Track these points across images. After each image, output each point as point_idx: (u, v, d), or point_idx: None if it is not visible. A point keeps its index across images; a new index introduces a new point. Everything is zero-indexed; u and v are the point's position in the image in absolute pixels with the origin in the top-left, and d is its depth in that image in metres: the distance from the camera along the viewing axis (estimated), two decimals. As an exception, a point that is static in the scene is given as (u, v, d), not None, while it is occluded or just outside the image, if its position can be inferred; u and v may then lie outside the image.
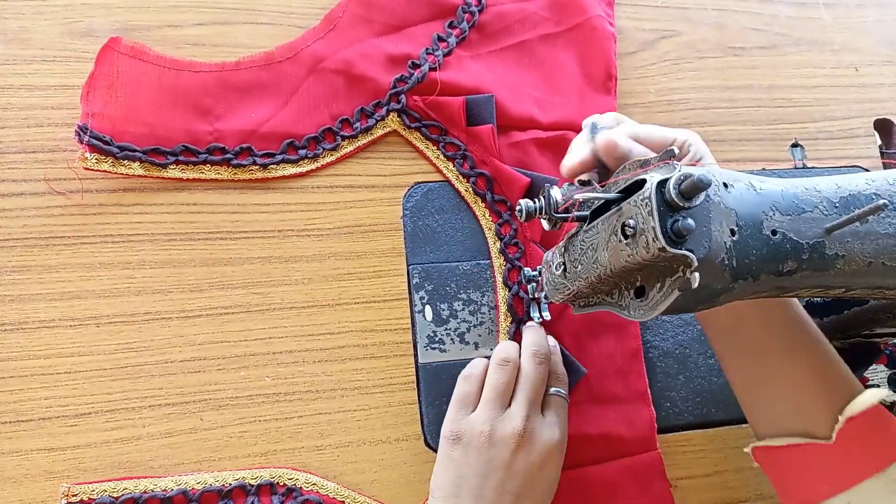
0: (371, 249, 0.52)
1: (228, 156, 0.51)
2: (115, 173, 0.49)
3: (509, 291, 0.52)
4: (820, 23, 0.68)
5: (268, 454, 0.47)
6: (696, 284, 0.31)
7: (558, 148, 0.56)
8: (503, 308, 0.52)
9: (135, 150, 0.49)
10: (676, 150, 0.34)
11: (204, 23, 0.54)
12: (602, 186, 0.40)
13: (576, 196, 0.39)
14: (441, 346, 0.51)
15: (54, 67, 0.51)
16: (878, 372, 0.55)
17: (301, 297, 0.50)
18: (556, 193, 0.40)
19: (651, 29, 0.63)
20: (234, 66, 0.53)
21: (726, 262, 0.33)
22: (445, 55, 0.57)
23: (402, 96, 0.55)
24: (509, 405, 0.45)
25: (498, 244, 0.54)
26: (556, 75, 0.59)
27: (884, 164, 0.62)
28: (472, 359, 0.50)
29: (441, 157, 0.55)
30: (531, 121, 0.57)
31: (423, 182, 0.55)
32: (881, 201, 0.33)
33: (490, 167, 0.55)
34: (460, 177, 0.55)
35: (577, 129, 0.52)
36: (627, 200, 0.34)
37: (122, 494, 0.44)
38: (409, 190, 0.54)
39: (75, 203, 0.49)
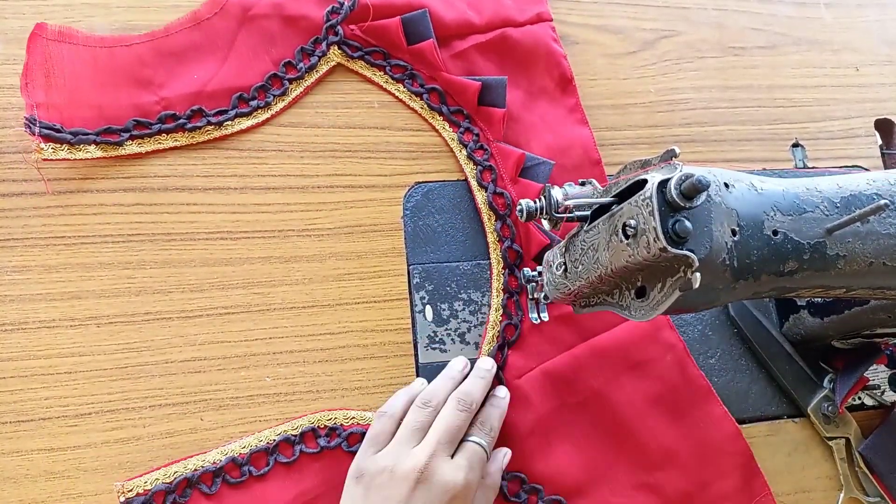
0: (371, 249, 0.52)
1: (181, 121, 0.51)
2: (74, 160, 0.49)
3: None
4: (820, 22, 0.68)
5: (268, 454, 0.47)
6: (697, 285, 0.31)
7: (500, 49, 0.57)
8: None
9: (88, 133, 0.49)
10: (677, 150, 0.34)
11: (204, 22, 0.54)
12: (603, 186, 0.40)
13: (568, 202, 0.39)
14: (442, 346, 0.51)
15: (54, 67, 0.51)
16: (878, 372, 0.55)
17: (301, 297, 0.50)
18: (557, 193, 0.40)
19: (651, 29, 0.63)
20: (164, 32, 0.52)
21: (727, 263, 0.33)
22: None
23: (339, 28, 0.55)
24: None
25: (464, 151, 0.55)
26: None
27: (884, 164, 0.62)
28: (473, 359, 0.50)
29: (389, 80, 0.56)
30: (468, 26, 0.57)
31: (423, 182, 0.54)
32: (882, 201, 0.33)
33: (440, 81, 0.55)
34: (413, 96, 0.55)
35: (514, 24, 0.56)
36: (628, 200, 0.34)
37: (175, 478, 0.44)
38: (409, 190, 0.54)
39: (75, 203, 0.49)
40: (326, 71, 0.55)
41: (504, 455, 0.47)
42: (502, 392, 0.48)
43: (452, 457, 0.42)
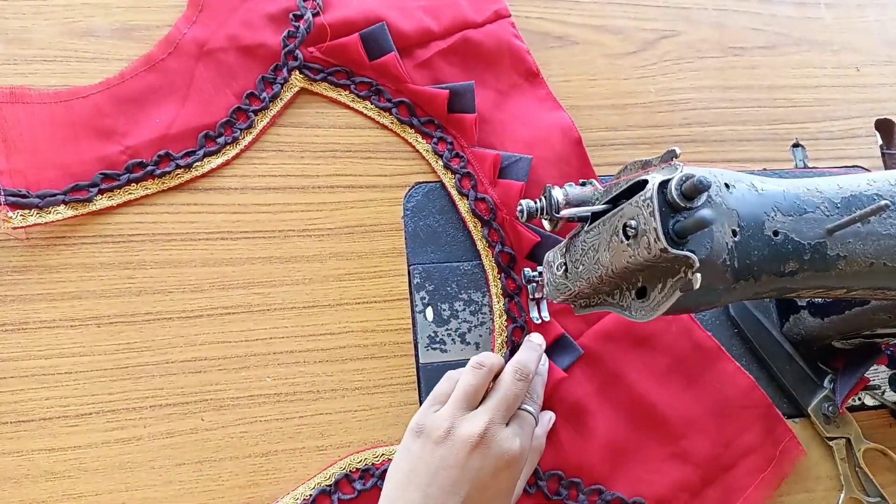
0: (372, 249, 0.52)
1: (149, 168, 0.50)
2: (46, 223, 0.47)
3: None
4: (820, 23, 0.68)
5: (269, 454, 0.47)
6: (697, 285, 0.31)
7: (463, 52, 0.57)
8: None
9: (55, 194, 0.47)
10: (678, 150, 0.34)
11: (204, 22, 0.54)
12: (604, 186, 0.40)
13: (563, 213, 0.39)
14: (442, 347, 0.51)
15: (55, 67, 0.51)
16: (878, 372, 0.55)
17: (302, 297, 0.50)
18: (558, 193, 0.40)
19: (651, 29, 0.63)
20: (119, 78, 0.51)
21: (728, 263, 0.33)
22: None
23: (297, 52, 0.54)
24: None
25: (440, 161, 0.54)
26: None
27: (885, 164, 0.62)
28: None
29: (356, 98, 0.55)
30: (428, 33, 0.56)
31: (423, 182, 0.54)
32: (883, 202, 0.33)
33: (406, 93, 0.55)
34: (381, 111, 0.55)
35: (473, 26, 0.56)
36: (629, 201, 0.34)
37: None
38: (409, 190, 0.54)
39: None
40: (291, 97, 0.54)
41: (549, 419, 0.49)
42: (544, 360, 0.50)
43: (507, 424, 0.44)
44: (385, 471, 0.46)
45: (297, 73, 0.54)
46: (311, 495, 0.46)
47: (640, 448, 0.51)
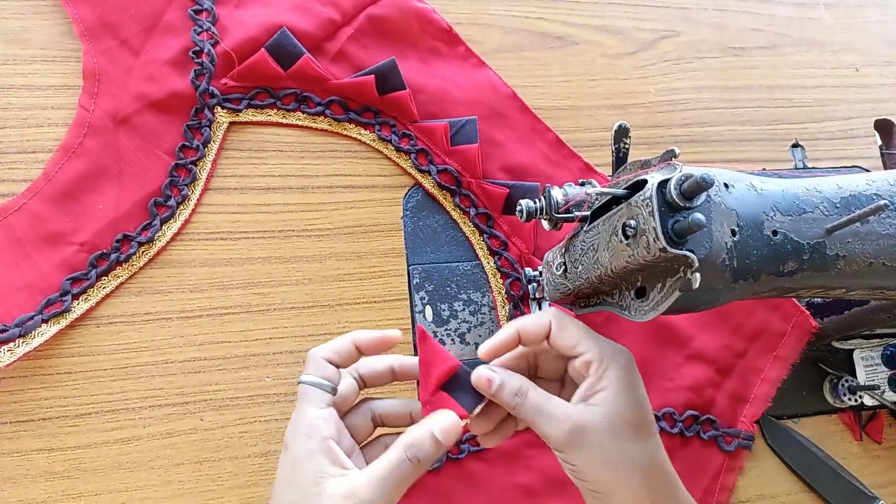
0: (371, 250, 0.52)
1: (113, 255, 0.47)
2: (36, 349, 0.45)
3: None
4: (820, 23, 0.68)
5: (268, 454, 0.47)
6: (696, 285, 0.31)
7: (372, 32, 0.55)
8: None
9: (32, 317, 0.45)
10: (677, 150, 0.34)
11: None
12: (603, 186, 0.40)
13: (582, 193, 0.39)
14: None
15: (54, 67, 0.51)
16: (878, 372, 0.55)
17: (301, 297, 0.50)
18: (557, 193, 0.40)
19: (651, 29, 0.63)
20: (45, 178, 0.48)
21: (727, 263, 0.33)
22: (214, 24, 0.52)
23: (211, 88, 0.51)
24: None
25: (390, 147, 0.54)
26: None
27: (884, 164, 0.62)
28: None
29: (286, 113, 0.53)
30: (331, 24, 0.54)
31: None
32: (882, 202, 0.33)
33: (333, 90, 0.54)
34: (314, 117, 0.53)
35: (373, 2, 0.55)
36: (628, 201, 0.34)
37: None
38: (409, 190, 0.54)
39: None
40: (223, 136, 0.52)
41: None
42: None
43: None
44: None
45: (220, 108, 0.52)
46: None
47: (657, 361, 0.52)
